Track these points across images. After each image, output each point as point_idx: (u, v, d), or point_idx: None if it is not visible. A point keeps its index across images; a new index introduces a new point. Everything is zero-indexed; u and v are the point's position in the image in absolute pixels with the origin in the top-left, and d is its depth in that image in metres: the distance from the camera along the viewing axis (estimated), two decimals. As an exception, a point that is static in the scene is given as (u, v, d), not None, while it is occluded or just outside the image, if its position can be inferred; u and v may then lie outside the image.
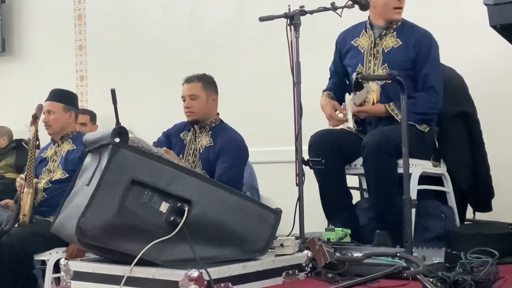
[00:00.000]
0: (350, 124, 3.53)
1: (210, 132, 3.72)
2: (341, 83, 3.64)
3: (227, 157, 3.62)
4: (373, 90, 3.20)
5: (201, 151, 3.68)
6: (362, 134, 3.44)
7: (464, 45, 4.02)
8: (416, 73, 3.37)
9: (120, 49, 5.48)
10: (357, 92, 3.40)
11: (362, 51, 3.48)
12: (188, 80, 3.75)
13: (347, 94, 3.61)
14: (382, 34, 3.45)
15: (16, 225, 3.70)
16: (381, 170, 3.08)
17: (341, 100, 3.61)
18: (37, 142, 3.93)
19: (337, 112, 3.50)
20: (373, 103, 3.24)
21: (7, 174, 5.15)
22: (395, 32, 3.43)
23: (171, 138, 3.78)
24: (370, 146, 3.14)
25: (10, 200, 4.24)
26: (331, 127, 3.52)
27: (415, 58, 3.36)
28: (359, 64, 3.46)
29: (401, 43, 3.39)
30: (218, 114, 3.80)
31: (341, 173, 3.40)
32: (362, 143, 3.22)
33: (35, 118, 3.94)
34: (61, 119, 3.98)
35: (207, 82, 3.75)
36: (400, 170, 2.84)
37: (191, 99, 3.68)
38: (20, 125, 4.25)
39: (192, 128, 3.78)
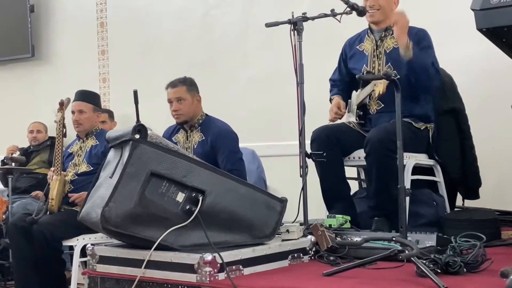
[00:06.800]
0: (352, 118, 3.52)
1: (199, 127, 3.70)
2: (345, 91, 3.63)
3: (223, 148, 3.59)
4: (380, 82, 3.18)
5: (195, 147, 3.65)
6: (361, 128, 3.44)
7: (453, 46, 4.00)
8: None
9: (138, 54, 5.48)
10: (362, 89, 3.41)
11: (367, 54, 3.47)
12: (173, 85, 3.70)
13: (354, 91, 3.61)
14: (382, 36, 3.44)
15: (47, 214, 3.71)
16: (383, 164, 3.06)
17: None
18: (64, 130, 3.92)
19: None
20: (379, 94, 3.23)
21: (41, 169, 5.11)
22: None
23: None
24: (373, 142, 3.13)
25: (40, 192, 4.26)
26: (330, 122, 3.51)
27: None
28: (364, 65, 3.45)
29: None
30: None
31: (340, 164, 3.39)
32: (365, 138, 3.20)
33: (61, 105, 3.94)
34: (91, 118, 3.98)
35: (190, 85, 3.72)
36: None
37: (178, 102, 3.66)
38: (50, 121, 4.23)
39: (182, 129, 3.75)
